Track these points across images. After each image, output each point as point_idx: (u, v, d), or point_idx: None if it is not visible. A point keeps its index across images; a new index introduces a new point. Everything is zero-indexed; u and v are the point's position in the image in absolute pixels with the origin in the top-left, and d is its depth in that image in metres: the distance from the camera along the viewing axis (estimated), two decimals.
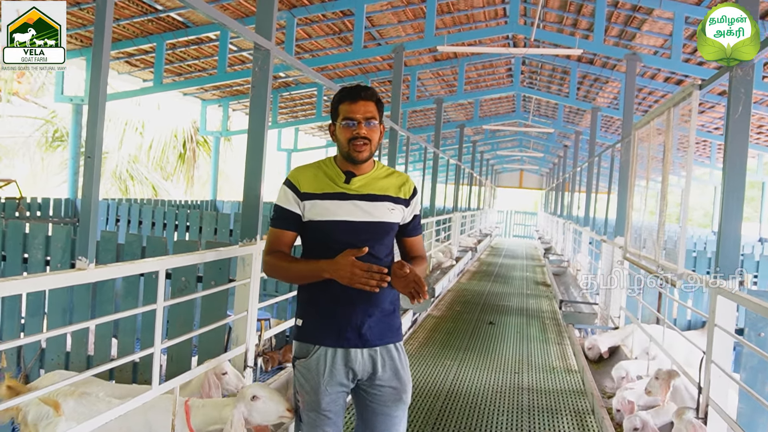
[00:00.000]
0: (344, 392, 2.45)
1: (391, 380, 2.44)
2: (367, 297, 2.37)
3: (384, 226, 2.44)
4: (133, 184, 24.42)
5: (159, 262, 3.16)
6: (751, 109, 3.79)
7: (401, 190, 2.51)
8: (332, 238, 2.39)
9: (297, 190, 2.45)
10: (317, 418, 2.41)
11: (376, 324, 2.42)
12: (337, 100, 2.42)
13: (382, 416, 2.45)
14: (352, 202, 2.42)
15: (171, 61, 13.61)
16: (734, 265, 3.82)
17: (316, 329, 2.43)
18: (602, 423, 4.59)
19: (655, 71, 13.35)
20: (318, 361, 2.40)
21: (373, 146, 2.42)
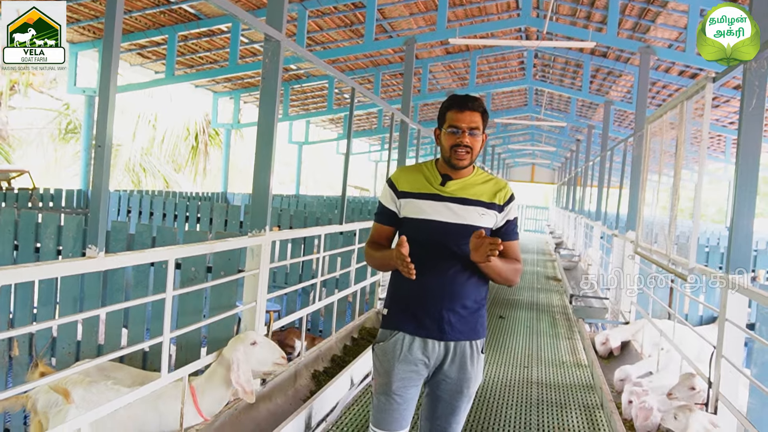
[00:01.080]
0: (416, 379, 2.55)
1: (456, 374, 2.54)
2: (450, 292, 2.51)
3: (471, 229, 2.49)
4: (146, 176, 24.53)
5: (168, 251, 3.18)
6: (765, 102, 3.74)
7: (496, 197, 2.60)
8: (423, 235, 2.53)
9: (395, 189, 2.63)
10: (387, 401, 2.53)
11: (457, 320, 2.53)
12: (446, 107, 2.55)
13: (444, 403, 2.58)
14: (445, 203, 2.55)
15: (183, 53, 13.64)
16: (746, 260, 3.79)
17: (398, 317, 2.57)
18: (611, 417, 4.57)
19: (669, 64, 13.25)
20: (395, 345, 2.54)
21: (474, 154, 2.55)
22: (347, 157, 6.45)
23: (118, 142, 23.35)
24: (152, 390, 3.16)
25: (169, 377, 3.23)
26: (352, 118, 6.29)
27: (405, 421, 2.56)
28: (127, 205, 11.10)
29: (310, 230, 5.80)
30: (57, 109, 23.43)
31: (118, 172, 23.47)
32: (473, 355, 2.57)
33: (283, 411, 4.22)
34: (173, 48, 12.09)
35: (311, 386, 4.99)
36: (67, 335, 4.87)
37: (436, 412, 2.59)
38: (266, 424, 3.98)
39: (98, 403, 2.99)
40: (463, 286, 2.51)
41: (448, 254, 2.50)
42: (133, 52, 13.21)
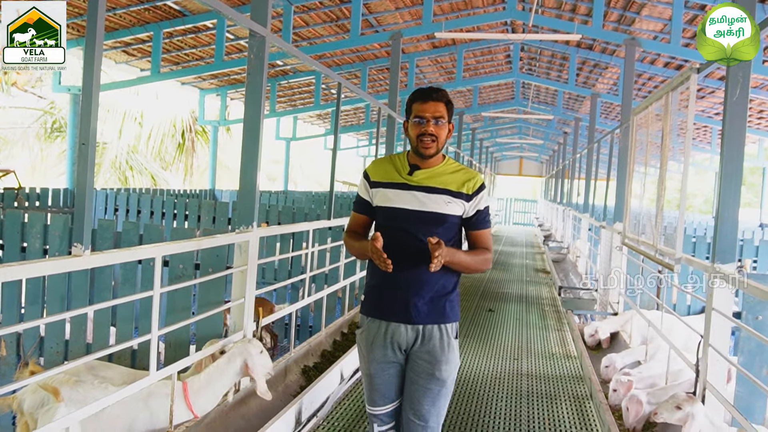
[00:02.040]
0: (392, 362, 2.67)
1: (425, 355, 2.62)
2: (416, 279, 2.61)
3: (437, 217, 2.61)
4: (132, 174, 24.39)
5: (155, 249, 3.16)
6: (748, 92, 3.77)
7: (465, 186, 2.67)
8: (391, 223, 2.65)
9: (369, 179, 2.76)
10: (369, 382, 2.71)
11: (424, 305, 2.62)
12: (411, 99, 2.67)
13: (415, 386, 2.64)
14: (411, 192, 2.64)
15: (168, 50, 13.55)
16: (732, 250, 3.82)
17: (371, 304, 2.70)
18: (600, 407, 4.60)
19: (654, 56, 13.30)
20: (368, 332, 2.68)
21: (440, 143, 2.65)
22: (335, 152, 6.44)
23: (104, 140, 23.22)
24: (141, 388, 3.15)
25: (158, 375, 3.22)
26: (339, 113, 6.28)
27: (387, 398, 2.70)
28: (114, 204, 11.05)
29: (299, 226, 5.79)
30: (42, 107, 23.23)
31: (104, 170, 23.33)
32: (443, 338, 2.63)
33: (273, 407, 4.21)
34: (158, 45, 12.00)
35: (301, 381, 4.98)
36: (55, 334, 4.85)
37: (411, 396, 2.66)
38: (256, 420, 3.98)
39: (86, 401, 2.97)
40: (430, 273, 2.54)
41: (416, 241, 2.58)
42: (118, 49, 13.11)
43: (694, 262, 4.49)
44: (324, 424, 4.22)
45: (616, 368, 5.42)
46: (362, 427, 4.20)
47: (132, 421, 3.39)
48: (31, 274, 2.61)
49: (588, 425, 4.55)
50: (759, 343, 3.76)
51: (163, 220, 10.07)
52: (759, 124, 17.20)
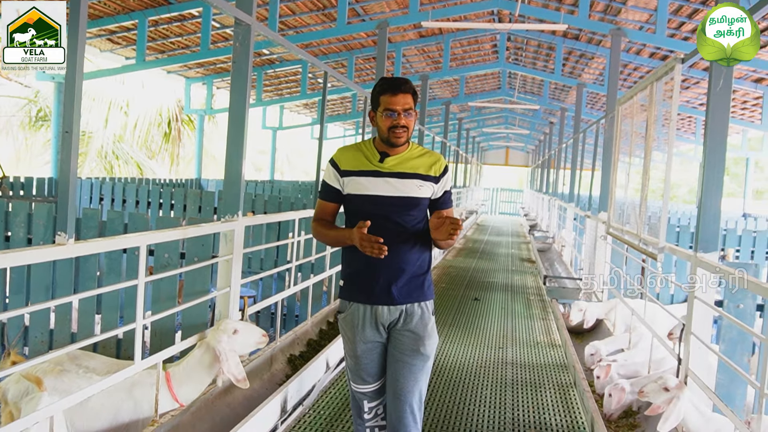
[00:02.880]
0: (377, 342, 2.81)
1: (409, 333, 2.76)
2: (395, 261, 2.72)
3: (411, 201, 2.75)
4: (118, 163, 24.21)
5: (140, 237, 3.15)
6: (732, 82, 3.80)
7: (431, 169, 2.79)
8: (366, 209, 2.73)
9: (338, 168, 2.81)
10: (355, 363, 2.82)
11: (404, 285, 2.75)
12: (379, 91, 2.71)
13: (400, 363, 2.77)
14: (384, 179, 2.74)
15: (153, 39, 13.45)
16: (715, 239, 3.86)
17: (352, 289, 2.80)
18: (584, 395, 4.64)
19: (640, 47, 13.36)
20: (353, 316, 2.79)
21: (410, 132, 2.75)
22: (321, 141, 6.43)
23: (89, 129, 23.01)
24: (126, 377, 3.15)
25: (143, 364, 3.22)
26: (325, 102, 6.27)
27: (375, 376, 2.84)
28: (99, 193, 10.98)
29: (284, 215, 5.78)
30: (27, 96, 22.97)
31: (90, 159, 23.14)
32: (423, 315, 2.79)
33: (258, 395, 4.22)
34: (143, 33, 11.91)
35: (287, 370, 4.99)
36: (39, 324, 4.83)
37: (396, 374, 2.78)
38: (241, 408, 3.99)
39: (71, 391, 2.97)
40: (407, 254, 2.74)
41: (391, 226, 2.71)
42: (103, 37, 12.99)
43: (677, 252, 4.53)
44: (310, 413, 4.23)
45: (601, 356, 5.47)
46: (348, 415, 4.22)
47: (116, 411, 3.39)
48: (15, 262, 2.60)
49: (572, 412, 4.59)
50: (740, 331, 3.81)
51: (148, 209, 10.03)
52: (743, 114, 17.33)
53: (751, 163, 20.91)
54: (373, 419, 2.87)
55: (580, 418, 4.50)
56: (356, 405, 2.89)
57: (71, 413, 3.20)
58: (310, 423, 4.07)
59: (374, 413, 2.87)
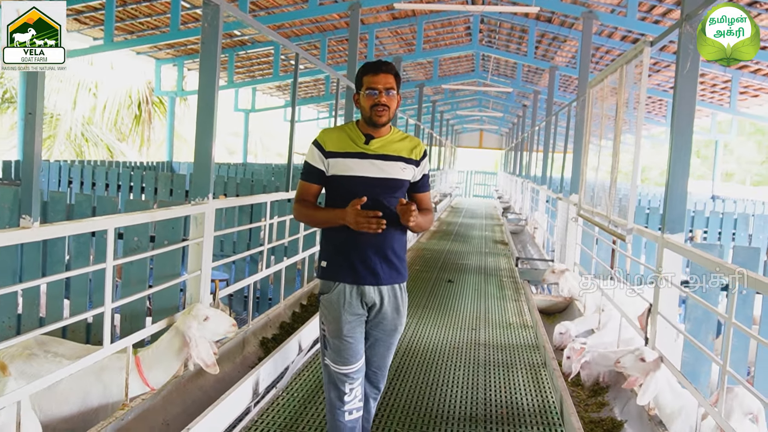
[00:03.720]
0: (361, 321, 2.89)
1: (392, 313, 2.90)
2: (379, 243, 2.81)
3: (396, 182, 2.84)
4: (88, 146, 23.83)
5: (107, 220, 3.11)
6: (699, 65, 3.84)
7: (413, 152, 2.89)
8: (352, 190, 2.78)
9: (323, 149, 2.84)
10: (340, 342, 2.84)
11: (387, 267, 2.85)
12: (362, 72, 2.80)
13: (381, 342, 2.94)
14: (370, 161, 2.81)
15: (122, 19, 13.21)
16: (681, 221, 3.92)
17: (337, 269, 2.84)
18: (553, 374, 4.70)
19: (612, 29, 13.43)
20: (339, 296, 2.83)
21: (391, 113, 2.81)
22: (292, 123, 6.39)
23: (57, 111, 22.61)
24: (95, 361, 3.12)
25: (112, 348, 3.19)
26: (297, 84, 6.22)
27: (360, 354, 2.89)
28: (68, 176, 10.83)
29: (256, 197, 5.76)
30: None
31: (59, 142, 22.75)
32: (402, 295, 2.93)
33: (230, 378, 4.21)
34: (111, 13, 11.70)
35: (260, 353, 4.99)
36: (7, 308, 4.77)
37: (373, 351, 2.95)
38: (213, 391, 3.98)
39: (40, 375, 2.94)
40: (391, 236, 2.83)
41: (377, 207, 2.74)
42: (69, 17, 12.73)
43: (645, 233, 4.60)
44: (283, 395, 4.24)
45: (570, 336, 5.55)
46: (321, 398, 4.23)
47: (85, 395, 3.36)
48: None
49: (542, 392, 4.65)
50: (705, 310, 3.88)
51: (118, 192, 9.91)
52: (712, 98, 17.55)
53: (720, 145, 21.21)
54: (353, 400, 2.91)
55: (550, 397, 4.56)
56: (336, 389, 2.88)
57: (39, 398, 3.17)
58: (283, 405, 4.08)
59: (354, 394, 2.90)
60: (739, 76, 14.04)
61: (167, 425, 3.59)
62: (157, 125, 26.10)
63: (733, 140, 23.29)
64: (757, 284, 2.73)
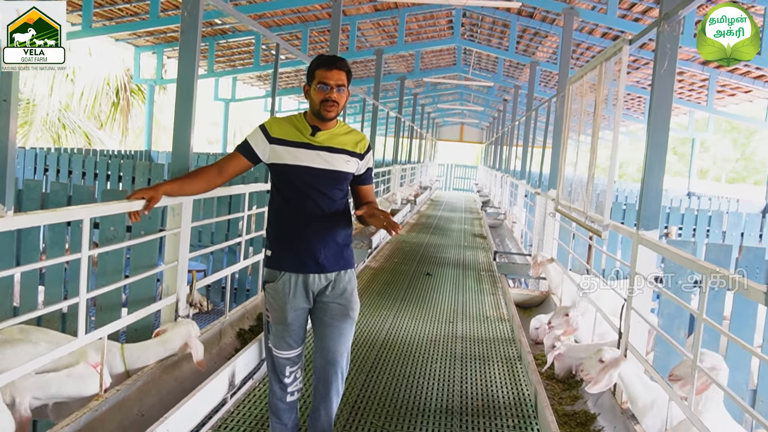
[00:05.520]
0: (306, 308, 2.97)
1: (339, 298, 2.96)
2: (324, 231, 2.89)
3: (340, 174, 2.91)
4: (66, 133, 23.53)
5: (83, 210, 3.08)
6: (676, 64, 3.88)
7: (357, 146, 2.97)
8: (298, 180, 2.86)
9: (268, 134, 2.90)
10: (284, 330, 2.94)
11: (331, 254, 2.92)
12: (315, 66, 2.85)
13: (331, 327, 2.96)
14: (316, 152, 2.88)
15: (101, 5, 13.05)
16: (656, 217, 3.96)
17: (281, 258, 2.92)
18: (528, 368, 4.75)
19: (593, 26, 13.51)
20: (284, 285, 2.91)
21: (340, 108, 2.88)
22: (273, 114, 6.36)
23: (34, 97, 22.30)
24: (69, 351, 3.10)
25: (86, 338, 3.17)
26: (277, 75, 6.19)
27: (300, 340, 3.02)
28: (44, 164, 10.69)
29: (236, 188, 5.72)
30: None
31: (35, 129, 22.45)
32: (351, 281, 3.01)
33: (207, 369, 4.20)
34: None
35: (236, 344, 4.98)
36: None
37: (326, 339, 2.98)
38: (189, 383, 3.96)
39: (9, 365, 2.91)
40: (335, 225, 2.92)
41: (321, 197, 2.88)
42: None
43: (620, 229, 4.64)
44: (260, 386, 4.24)
45: (546, 329, 5.60)
46: None
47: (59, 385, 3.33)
48: None
49: (517, 385, 4.70)
50: (678, 306, 3.94)
51: (95, 181, 9.81)
52: (690, 96, 17.74)
53: (697, 143, 21.46)
54: (293, 383, 3.04)
55: (525, 390, 4.60)
56: (277, 373, 3.01)
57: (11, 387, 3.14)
58: (259, 397, 4.08)
59: (293, 377, 3.03)
60: (717, 75, 14.21)
61: (142, 416, 3.58)
62: (136, 113, 25.83)
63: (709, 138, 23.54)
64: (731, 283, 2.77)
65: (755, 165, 45.02)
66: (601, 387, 3.74)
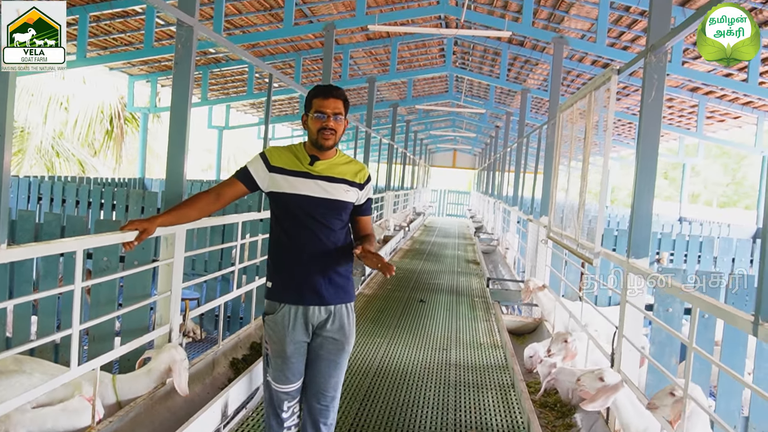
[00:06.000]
0: (305, 341, 2.92)
1: (337, 332, 2.91)
2: (324, 262, 2.85)
3: (339, 204, 2.89)
4: (59, 161, 23.52)
5: (76, 242, 3.10)
6: (663, 94, 3.95)
7: (357, 176, 2.96)
8: (296, 208, 2.84)
9: (268, 162, 2.89)
10: (283, 363, 2.88)
11: (332, 287, 2.88)
12: (312, 95, 2.86)
13: (326, 361, 2.93)
14: (315, 181, 2.86)
15: (95, 34, 13.15)
16: (646, 245, 4.00)
17: (281, 290, 2.88)
18: (521, 396, 4.75)
19: (582, 54, 13.68)
20: (284, 317, 2.86)
21: (338, 137, 2.87)
22: (265, 142, 6.41)
23: (28, 125, 22.33)
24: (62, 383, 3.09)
25: (79, 370, 3.16)
26: (270, 103, 6.25)
27: (300, 373, 2.94)
28: (37, 192, 10.68)
29: (229, 217, 5.74)
30: None
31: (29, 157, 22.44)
32: (349, 315, 2.96)
33: (200, 399, 4.19)
34: (85, 29, 11.64)
35: (229, 374, 4.96)
36: None
37: (319, 369, 2.94)
38: (182, 413, 3.95)
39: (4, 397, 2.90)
40: (335, 256, 2.88)
41: (320, 227, 2.86)
42: None
43: (611, 257, 4.67)
44: (253, 416, 4.23)
45: (539, 357, 5.60)
46: None
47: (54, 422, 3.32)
48: None
49: (511, 413, 4.70)
50: (668, 334, 3.96)
51: (89, 209, 9.81)
52: (680, 122, 17.91)
53: (687, 168, 21.62)
54: (291, 418, 2.98)
55: (518, 418, 4.60)
56: (275, 407, 2.96)
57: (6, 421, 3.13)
58: (252, 426, 4.07)
59: (291, 412, 2.97)
60: (706, 101, 14.37)
61: None
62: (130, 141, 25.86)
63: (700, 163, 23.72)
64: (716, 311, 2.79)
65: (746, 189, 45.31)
66: (596, 406, 3.73)
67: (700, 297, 2.82)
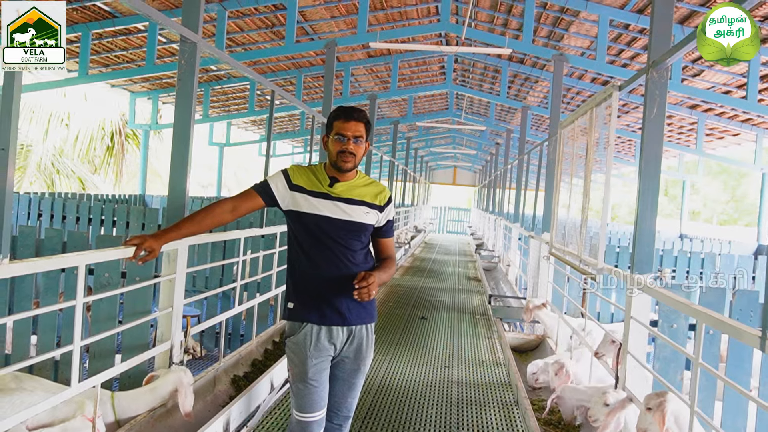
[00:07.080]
0: (327, 363, 2.85)
1: (354, 354, 2.87)
2: (345, 282, 2.77)
3: (358, 225, 2.85)
4: (60, 177, 23.55)
5: (78, 257, 3.08)
6: (665, 110, 3.95)
7: (377, 198, 2.93)
8: (316, 228, 2.81)
9: (289, 180, 2.87)
10: (305, 387, 2.79)
11: (354, 307, 2.83)
12: (334, 117, 2.84)
13: (341, 381, 2.90)
14: (334, 202, 2.83)
15: (97, 52, 13.22)
16: (649, 261, 3.99)
17: (303, 310, 2.83)
18: (525, 413, 4.71)
19: (582, 71, 13.73)
20: (305, 336, 2.80)
21: (357, 160, 2.85)
22: (267, 159, 6.41)
23: (28, 142, 22.38)
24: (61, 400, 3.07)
25: (80, 387, 3.14)
26: (272, 120, 6.26)
27: (324, 402, 2.83)
28: (38, 209, 10.68)
29: (230, 234, 5.73)
30: None
31: (30, 173, 22.48)
32: (368, 336, 2.91)
33: (201, 417, 4.16)
34: (87, 46, 11.70)
35: (231, 392, 4.93)
36: None
37: (334, 390, 2.90)
38: (183, 431, 3.92)
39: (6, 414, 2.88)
40: (355, 277, 2.74)
41: (340, 248, 2.82)
42: None
43: (615, 273, 4.65)
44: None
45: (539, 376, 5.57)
46: None
47: None
48: None
49: (515, 431, 4.65)
50: (674, 350, 3.93)
51: (89, 226, 9.80)
52: (679, 139, 17.94)
53: (687, 185, 21.63)
54: None
55: None
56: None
57: None
58: None
59: None
60: (705, 118, 14.39)
61: None
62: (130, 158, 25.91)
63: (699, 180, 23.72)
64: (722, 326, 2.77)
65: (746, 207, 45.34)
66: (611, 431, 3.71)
67: (705, 312, 2.80)
